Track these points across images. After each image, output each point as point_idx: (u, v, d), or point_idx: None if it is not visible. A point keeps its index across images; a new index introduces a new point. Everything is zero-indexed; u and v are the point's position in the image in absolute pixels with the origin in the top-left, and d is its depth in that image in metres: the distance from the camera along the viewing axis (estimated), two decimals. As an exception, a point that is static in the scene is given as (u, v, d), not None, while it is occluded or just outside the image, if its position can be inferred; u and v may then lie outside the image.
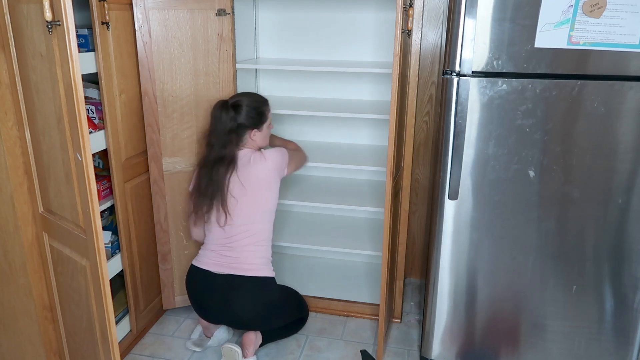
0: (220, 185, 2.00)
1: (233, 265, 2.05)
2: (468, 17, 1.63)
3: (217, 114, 2.03)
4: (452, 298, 1.99)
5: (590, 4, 1.57)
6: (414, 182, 2.67)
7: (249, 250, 2.06)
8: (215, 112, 2.04)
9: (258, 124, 2.06)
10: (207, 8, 2.12)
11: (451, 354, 2.08)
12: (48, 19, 1.33)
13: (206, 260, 2.09)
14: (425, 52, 2.46)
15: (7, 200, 1.73)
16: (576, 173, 1.76)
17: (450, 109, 1.74)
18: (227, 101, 2.05)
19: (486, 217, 1.86)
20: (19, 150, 1.72)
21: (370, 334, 2.38)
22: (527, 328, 1.97)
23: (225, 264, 2.06)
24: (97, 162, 2.21)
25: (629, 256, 1.82)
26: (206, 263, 2.09)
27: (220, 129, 2.01)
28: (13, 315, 1.91)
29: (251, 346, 2.10)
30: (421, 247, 2.81)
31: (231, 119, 2.00)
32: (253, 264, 2.06)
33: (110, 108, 1.94)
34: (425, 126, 2.58)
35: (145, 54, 2.06)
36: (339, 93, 2.68)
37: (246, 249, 2.06)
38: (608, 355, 1.95)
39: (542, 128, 1.73)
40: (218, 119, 2.02)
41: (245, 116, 2.02)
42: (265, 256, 2.10)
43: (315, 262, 2.88)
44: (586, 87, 1.66)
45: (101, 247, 1.49)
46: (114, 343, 1.59)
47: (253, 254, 2.07)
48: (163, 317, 2.47)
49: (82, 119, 1.37)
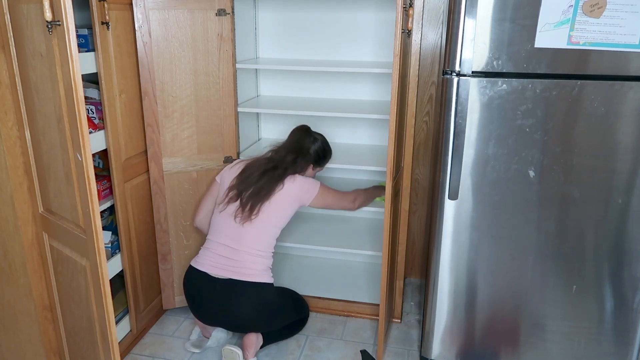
0: (267, 186, 2.05)
1: (233, 269, 2.04)
2: (468, 17, 1.63)
3: (300, 135, 2.22)
4: (452, 298, 1.99)
5: (590, 4, 1.57)
6: (414, 182, 2.67)
7: (251, 257, 2.05)
8: (297, 133, 2.24)
9: (319, 162, 2.25)
10: (207, 8, 2.12)
11: (451, 354, 2.08)
12: (48, 19, 1.33)
13: (206, 262, 2.08)
14: (425, 52, 2.46)
15: (7, 200, 1.73)
16: (576, 173, 1.76)
17: (450, 109, 1.74)
18: (310, 129, 2.27)
19: (486, 217, 1.86)
20: (19, 150, 1.72)
21: (370, 334, 2.38)
22: (527, 328, 1.97)
23: (225, 266, 2.05)
24: (97, 162, 2.21)
25: (629, 256, 1.82)
26: (205, 265, 2.08)
27: (292, 147, 2.17)
28: (13, 315, 1.91)
29: (252, 348, 2.09)
30: (421, 247, 2.81)
31: (309, 142, 2.20)
32: (253, 270, 2.05)
33: (110, 108, 1.94)
34: (425, 126, 2.58)
35: (145, 54, 2.06)
36: (339, 93, 2.68)
37: (249, 255, 2.05)
38: (608, 355, 1.95)
39: (542, 128, 1.73)
40: (296, 140, 2.20)
41: (317, 148, 2.22)
42: (266, 264, 2.10)
43: (315, 262, 2.88)
44: (586, 87, 1.66)
45: (101, 247, 1.49)
46: (114, 343, 1.59)
47: (255, 261, 2.06)
48: (163, 317, 2.47)
49: (82, 119, 1.37)
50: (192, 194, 2.33)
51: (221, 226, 2.09)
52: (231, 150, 2.34)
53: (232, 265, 2.04)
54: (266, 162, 2.13)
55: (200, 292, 2.09)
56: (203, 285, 2.07)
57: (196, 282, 2.09)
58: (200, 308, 2.12)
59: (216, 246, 2.08)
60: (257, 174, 2.08)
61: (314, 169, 2.25)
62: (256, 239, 2.06)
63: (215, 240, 2.09)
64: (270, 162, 2.13)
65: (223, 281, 2.04)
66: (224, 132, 2.30)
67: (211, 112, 2.26)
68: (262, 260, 2.08)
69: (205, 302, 2.09)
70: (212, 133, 2.28)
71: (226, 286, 2.03)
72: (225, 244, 2.06)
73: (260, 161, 2.15)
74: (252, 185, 2.06)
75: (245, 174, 2.11)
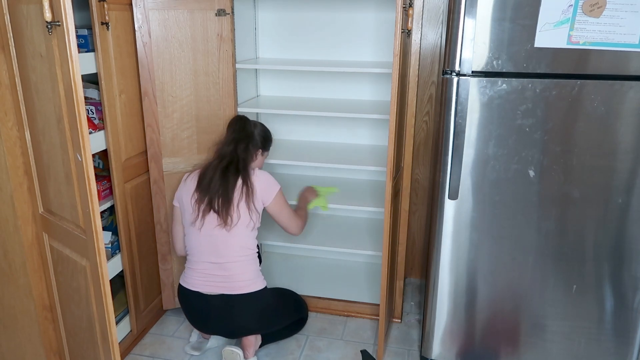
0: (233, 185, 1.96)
1: (224, 285, 1.99)
2: (468, 17, 1.63)
3: (241, 124, 2.11)
4: (452, 298, 1.99)
5: (590, 4, 1.57)
6: (414, 182, 2.67)
7: (238, 266, 1.99)
8: (236, 122, 2.13)
9: (265, 146, 2.18)
10: (206, 8, 2.12)
11: (451, 354, 2.07)
12: (48, 19, 1.33)
13: (194, 282, 2.02)
14: (425, 52, 2.46)
15: (7, 200, 1.73)
16: (576, 173, 1.76)
17: (450, 109, 1.74)
18: (247, 117, 2.18)
19: (486, 217, 1.86)
20: (19, 150, 1.72)
21: (370, 334, 2.38)
22: (527, 328, 1.97)
23: (215, 284, 2.00)
24: (97, 163, 2.21)
25: (629, 256, 1.82)
26: (196, 285, 2.02)
27: (238, 137, 2.06)
28: (13, 315, 1.91)
29: (252, 348, 2.10)
30: (421, 247, 2.81)
31: (251, 127, 2.12)
32: (244, 281, 2.00)
33: (110, 108, 1.94)
34: (425, 126, 2.58)
35: (145, 54, 2.06)
36: (339, 93, 2.67)
37: (235, 264, 1.99)
38: (608, 355, 1.95)
39: (542, 128, 1.73)
40: (239, 129, 2.09)
41: (260, 132, 2.15)
42: (254, 269, 2.04)
43: (315, 262, 2.88)
44: (586, 87, 1.66)
45: (101, 247, 1.49)
46: (114, 343, 1.59)
47: (242, 268, 2.00)
48: (163, 318, 2.47)
49: (82, 119, 1.37)
50: (192, 194, 2.32)
51: (200, 244, 2.00)
52: (231, 150, 2.34)
53: (223, 281, 1.99)
54: (219, 161, 2.01)
55: (197, 309, 2.05)
56: (198, 303, 2.03)
57: (191, 301, 2.05)
58: (200, 323, 2.11)
59: (201, 265, 2.01)
60: (218, 176, 1.96)
61: (262, 154, 2.18)
62: (240, 244, 1.99)
63: (199, 260, 2.01)
64: (222, 159, 2.01)
65: (217, 297, 2.00)
66: (224, 132, 2.30)
67: (211, 112, 2.26)
68: (249, 267, 2.02)
69: (204, 318, 2.07)
70: (212, 133, 2.28)
71: (221, 302, 2.00)
72: (209, 261, 1.99)
73: (212, 163, 2.02)
74: (219, 189, 1.95)
75: (204, 182, 1.98)
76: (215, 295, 2.00)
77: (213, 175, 1.98)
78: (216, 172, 1.98)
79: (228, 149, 2.03)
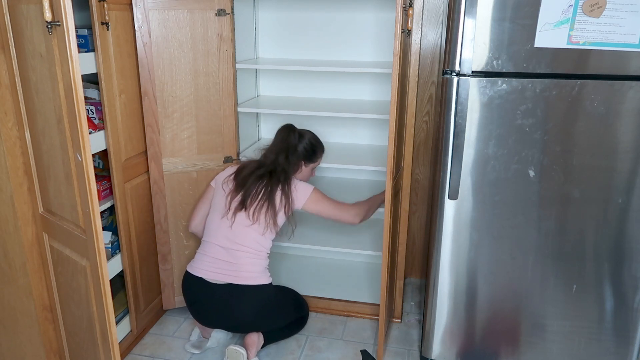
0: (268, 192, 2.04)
1: (231, 273, 2.03)
2: (468, 17, 1.63)
3: (285, 134, 2.18)
4: (452, 298, 1.99)
5: (590, 4, 1.57)
6: (414, 182, 2.67)
7: (249, 259, 2.05)
8: (281, 133, 2.20)
9: (310, 158, 2.22)
10: (206, 8, 2.12)
11: (451, 354, 2.08)
12: (48, 19, 1.33)
13: (202, 267, 2.07)
14: (425, 52, 2.46)
15: (7, 200, 1.73)
16: (576, 173, 1.76)
17: (450, 109, 1.74)
18: (294, 127, 2.22)
19: (486, 217, 1.86)
20: (19, 150, 1.72)
21: (370, 334, 2.38)
22: (527, 328, 1.97)
23: (223, 271, 2.04)
24: (97, 162, 2.21)
25: (629, 256, 1.82)
26: (202, 270, 2.06)
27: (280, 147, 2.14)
28: (13, 315, 1.91)
29: (254, 347, 2.10)
30: (421, 247, 2.81)
31: (294, 139, 2.17)
32: (251, 272, 2.04)
33: (110, 108, 1.94)
34: (425, 126, 2.58)
35: (145, 54, 2.06)
36: (339, 93, 2.68)
37: (246, 256, 2.04)
38: (608, 355, 1.95)
39: (542, 128, 1.73)
40: (282, 139, 2.17)
41: (305, 145, 2.19)
42: (263, 265, 2.09)
43: (315, 262, 2.88)
44: (586, 87, 1.66)
45: (101, 247, 1.49)
46: (114, 343, 1.59)
47: (251, 260, 2.05)
48: (163, 318, 2.47)
49: (82, 119, 1.37)
50: (192, 194, 2.33)
51: (219, 226, 2.07)
52: (231, 150, 2.34)
53: (230, 269, 2.03)
54: (257, 166, 2.10)
55: (199, 298, 2.08)
56: (201, 291, 2.06)
57: (194, 289, 2.08)
58: (200, 313, 2.12)
59: (213, 249, 2.06)
60: (254, 179, 2.05)
61: (307, 165, 2.22)
62: (256, 239, 2.06)
63: (211, 242, 2.08)
64: (261, 166, 2.10)
65: (221, 287, 2.03)
66: (224, 132, 2.31)
67: (211, 112, 2.26)
68: (259, 262, 2.07)
69: (205, 308, 2.09)
70: (212, 133, 2.28)
71: (225, 291, 2.03)
72: (221, 245, 2.05)
73: (250, 165, 2.12)
74: (252, 192, 2.04)
75: (240, 178, 2.08)
76: (220, 284, 2.03)
77: (248, 176, 2.07)
78: (251, 175, 2.07)
79: (270, 158, 2.12)
